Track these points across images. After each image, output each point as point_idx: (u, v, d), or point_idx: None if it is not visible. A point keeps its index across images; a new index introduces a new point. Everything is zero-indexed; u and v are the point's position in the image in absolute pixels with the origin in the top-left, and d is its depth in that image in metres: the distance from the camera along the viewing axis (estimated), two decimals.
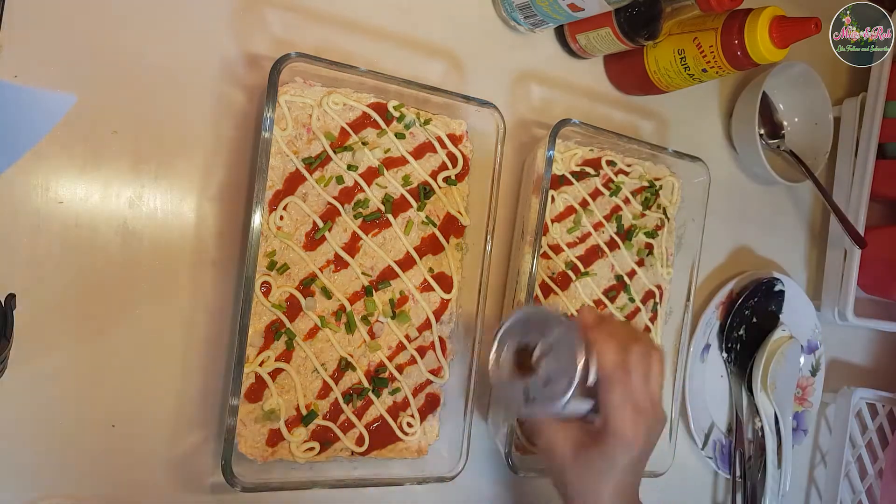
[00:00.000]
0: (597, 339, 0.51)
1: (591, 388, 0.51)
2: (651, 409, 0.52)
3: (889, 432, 0.92)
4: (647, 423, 0.52)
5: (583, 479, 0.53)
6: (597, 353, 0.51)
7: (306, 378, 0.56)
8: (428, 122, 0.62)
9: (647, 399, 0.52)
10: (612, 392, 0.50)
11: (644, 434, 0.51)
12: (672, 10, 0.63)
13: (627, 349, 0.51)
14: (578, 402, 0.51)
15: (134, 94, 0.53)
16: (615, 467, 0.52)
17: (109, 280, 0.52)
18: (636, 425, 0.51)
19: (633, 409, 0.51)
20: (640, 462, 0.53)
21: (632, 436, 0.51)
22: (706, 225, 0.73)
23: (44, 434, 0.50)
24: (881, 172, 0.85)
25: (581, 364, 0.50)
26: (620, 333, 0.53)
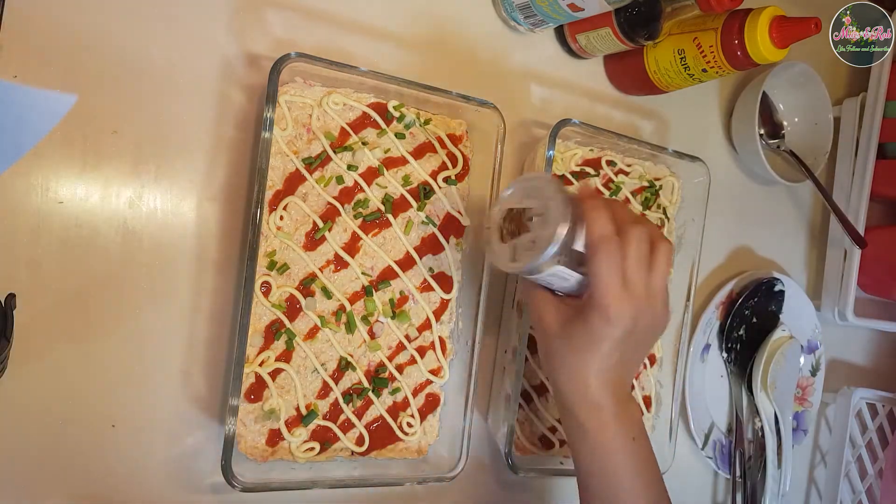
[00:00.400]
0: (589, 208, 0.50)
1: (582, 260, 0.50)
2: (645, 296, 0.50)
3: (889, 432, 0.92)
4: (637, 307, 0.50)
5: (566, 353, 0.52)
6: (586, 221, 0.50)
7: (306, 378, 0.56)
8: (428, 122, 0.62)
9: (641, 283, 0.50)
10: (597, 262, 0.49)
11: (630, 316, 0.49)
12: (672, 10, 0.63)
13: (624, 227, 0.50)
14: (563, 269, 0.50)
15: (134, 94, 0.53)
16: (596, 344, 0.50)
17: (109, 280, 0.52)
18: (621, 302, 0.49)
19: (620, 286, 0.49)
20: (627, 346, 0.51)
21: (614, 312, 0.49)
22: (706, 225, 0.73)
23: (43, 434, 0.50)
24: (881, 172, 0.85)
25: (565, 227, 0.48)
26: (619, 211, 0.52)
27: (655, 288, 0.51)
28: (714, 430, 0.80)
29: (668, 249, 0.52)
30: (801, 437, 0.86)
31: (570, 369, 0.52)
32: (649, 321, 0.51)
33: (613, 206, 0.52)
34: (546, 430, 0.67)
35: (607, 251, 0.49)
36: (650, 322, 0.52)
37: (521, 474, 0.63)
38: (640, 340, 0.53)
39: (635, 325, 0.50)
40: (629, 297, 0.49)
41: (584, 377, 0.51)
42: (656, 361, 0.74)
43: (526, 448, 0.66)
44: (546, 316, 0.53)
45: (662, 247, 0.52)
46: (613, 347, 0.50)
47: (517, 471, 0.63)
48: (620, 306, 0.49)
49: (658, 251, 0.52)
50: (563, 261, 0.50)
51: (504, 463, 0.62)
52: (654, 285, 0.51)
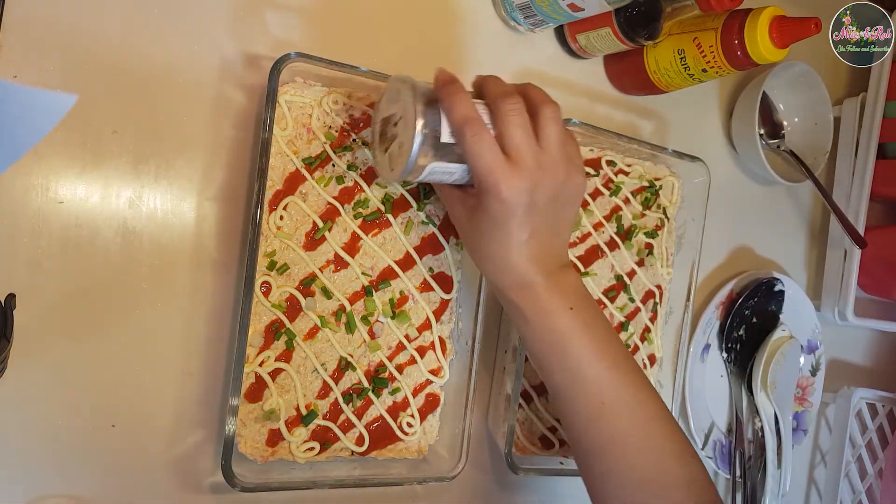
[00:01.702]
0: (443, 97, 0.47)
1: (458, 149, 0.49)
2: (536, 165, 0.48)
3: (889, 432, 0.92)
4: (530, 179, 0.47)
5: (480, 241, 0.51)
6: (443, 109, 0.48)
7: (306, 378, 0.56)
8: None
9: (529, 154, 0.47)
10: (465, 145, 0.47)
11: (524, 191, 0.47)
12: (672, 10, 0.63)
13: (494, 101, 0.48)
14: (444, 164, 0.49)
15: (134, 94, 0.53)
16: (501, 226, 0.49)
17: (109, 280, 0.52)
18: (509, 179, 0.47)
19: (502, 164, 0.47)
20: (536, 219, 0.49)
21: (504, 190, 0.47)
22: (706, 225, 0.73)
23: (44, 434, 0.50)
24: (881, 172, 0.85)
25: (419, 125, 0.47)
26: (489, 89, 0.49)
27: (550, 153, 0.49)
28: (714, 430, 0.80)
29: (552, 111, 0.49)
30: (801, 437, 0.86)
31: (488, 256, 0.51)
32: (551, 189, 0.49)
33: (484, 83, 0.50)
34: (546, 430, 0.67)
35: (472, 133, 0.47)
36: (553, 189, 0.49)
37: (521, 474, 0.63)
38: (551, 209, 0.50)
39: (534, 196, 0.48)
40: (517, 172, 0.47)
41: (504, 260, 0.50)
42: (656, 361, 0.74)
43: (526, 448, 0.66)
44: (454, 211, 0.53)
45: (545, 110, 0.49)
46: (521, 224, 0.49)
47: (517, 471, 0.63)
48: (509, 184, 0.47)
49: (541, 115, 0.49)
50: (437, 156, 0.49)
51: (504, 463, 0.62)
52: (548, 151, 0.49)
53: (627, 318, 0.71)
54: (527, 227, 0.49)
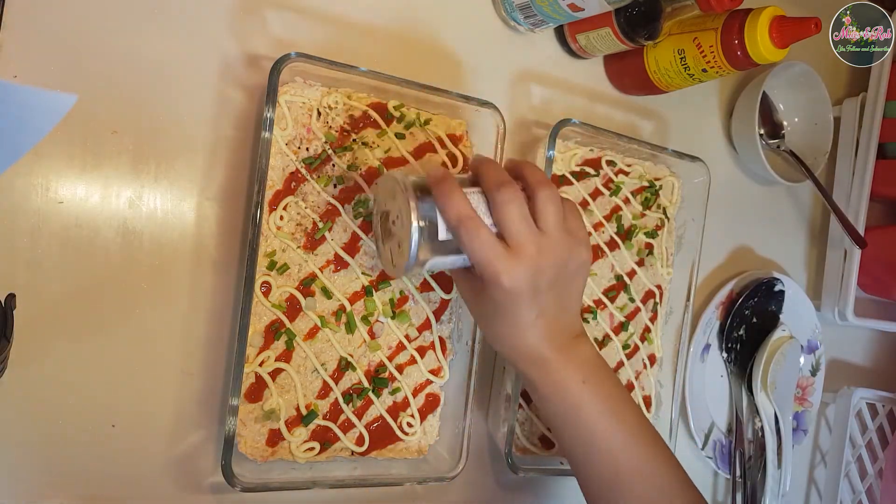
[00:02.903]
0: (437, 196, 0.48)
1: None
2: (537, 252, 0.48)
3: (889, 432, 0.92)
4: (532, 266, 0.48)
5: (489, 322, 0.52)
6: (438, 210, 0.48)
7: (306, 378, 0.56)
8: (428, 122, 0.62)
9: (529, 240, 0.48)
10: (464, 244, 0.48)
11: (526, 279, 0.48)
12: (672, 10, 0.63)
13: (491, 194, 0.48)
14: (445, 258, 0.50)
15: (134, 94, 0.53)
16: (508, 311, 0.50)
17: (109, 280, 0.52)
18: (511, 269, 0.47)
19: (501, 255, 0.48)
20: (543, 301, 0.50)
21: (506, 281, 0.48)
22: (706, 225, 0.73)
23: (43, 434, 0.50)
24: (881, 172, 0.85)
25: (414, 225, 0.48)
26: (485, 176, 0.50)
27: (550, 234, 0.49)
28: (714, 430, 0.80)
29: (548, 194, 0.49)
30: (801, 437, 0.86)
31: (499, 335, 0.52)
32: (554, 271, 0.50)
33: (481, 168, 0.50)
34: (546, 430, 0.67)
35: (468, 231, 0.47)
36: (556, 270, 0.50)
37: (521, 474, 0.63)
38: (556, 288, 0.51)
39: (537, 281, 0.49)
40: (518, 260, 0.48)
41: (513, 339, 0.51)
42: (656, 361, 0.74)
43: (526, 448, 0.66)
44: (462, 289, 0.55)
45: (541, 193, 0.49)
46: (528, 307, 0.50)
47: (517, 471, 0.63)
48: (511, 274, 0.48)
49: (538, 200, 0.49)
50: (437, 252, 0.49)
51: (504, 463, 0.62)
52: (548, 232, 0.49)
53: (627, 318, 0.71)
54: (534, 309, 0.50)
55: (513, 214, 0.48)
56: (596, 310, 0.69)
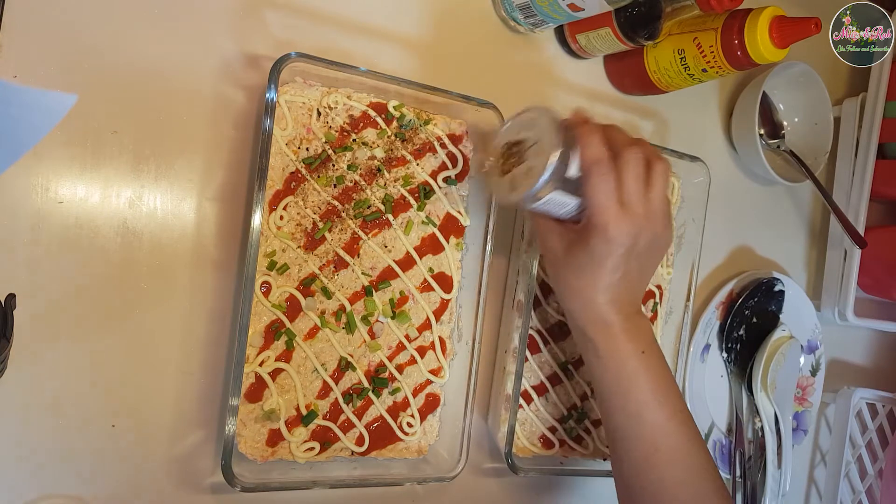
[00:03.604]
0: (581, 133, 0.51)
1: (578, 185, 0.51)
2: (644, 214, 0.51)
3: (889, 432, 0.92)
4: (637, 225, 0.51)
5: (571, 275, 0.54)
6: (579, 146, 0.51)
7: (306, 378, 0.56)
8: (428, 122, 0.62)
9: (640, 202, 0.51)
10: (590, 184, 0.50)
11: (630, 234, 0.51)
12: (672, 10, 0.63)
13: (620, 149, 0.51)
14: (562, 195, 0.52)
15: (134, 94, 0.53)
16: (598, 264, 0.52)
17: (109, 280, 0.52)
18: (619, 221, 0.50)
19: (616, 206, 0.50)
20: (629, 263, 0.52)
21: (614, 231, 0.50)
22: (706, 225, 0.73)
23: (43, 434, 0.51)
24: (881, 172, 0.85)
25: (556, 154, 0.49)
26: (614, 136, 0.53)
27: (655, 205, 0.52)
28: (714, 430, 0.80)
29: (664, 168, 0.53)
30: (801, 437, 0.86)
31: (576, 290, 0.54)
32: (650, 238, 0.53)
33: (608, 130, 0.53)
34: (546, 430, 0.67)
35: (600, 173, 0.50)
36: (651, 238, 0.53)
37: (521, 474, 0.63)
38: (644, 257, 0.54)
39: (636, 242, 0.51)
40: (627, 216, 0.51)
41: (590, 296, 0.53)
42: None
43: (526, 448, 0.66)
44: (550, 242, 0.55)
45: (658, 166, 0.53)
46: (616, 266, 0.52)
47: (517, 471, 0.63)
48: (618, 225, 0.50)
49: (654, 170, 0.53)
50: (559, 187, 0.51)
51: (504, 463, 0.62)
52: (653, 203, 0.52)
53: None
54: (620, 269, 0.52)
55: (635, 175, 0.51)
56: None
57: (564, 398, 0.68)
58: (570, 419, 0.68)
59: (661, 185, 0.53)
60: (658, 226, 0.53)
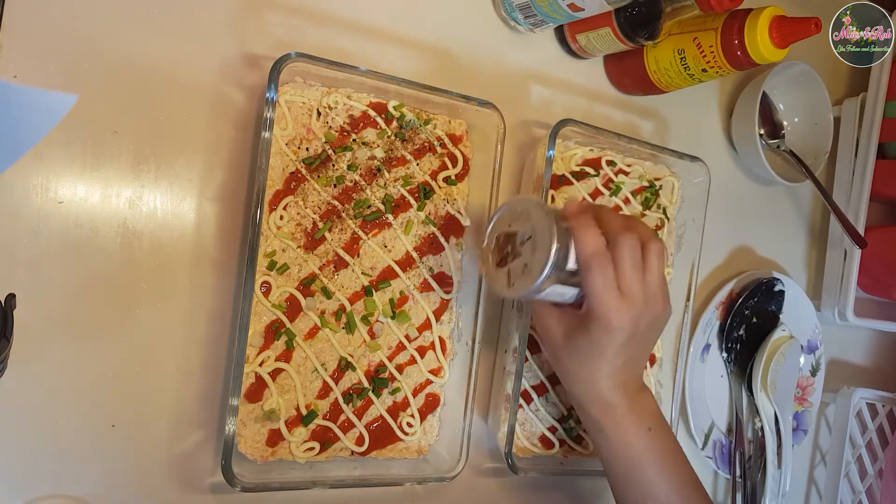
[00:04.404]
0: (576, 226, 0.51)
1: (576, 275, 0.52)
2: (642, 298, 0.52)
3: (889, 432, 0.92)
4: (637, 312, 0.52)
5: (573, 361, 0.55)
6: (575, 240, 0.51)
7: (306, 378, 0.56)
8: (428, 122, 0.62)
9: (638, 288, 0.52)
10: (590, 277, 0.51)
11: (630, 322, 0.52)
12: (672, 10, 0.63)
13: (616, 237, 0.52)
14: (560, 287, 0.52)
15: (134, 94, 0.53)
16: (601, 352, 0.53)
17: (109, 280, 0.52)
18: (620, 312, 0.51)
19: (616, 296, 0.51)
20: (631, 348, 0.53)
21: (615, 321, 0.51)
22: (706, 225, 0.73)
23: (44, 434, 0.51)
24: (881, 172, 0.85)
25: (553, 249, 0.50)
26: (610, 222, 0.53)
27: (652, 288, 0.53)
28: (714, 430, 0.80)
29: (658, 248, 0.54)
30: (801, 437, 0.86)
31: (579, 376, 0.55)
32: (650, 321, 0.54)
33: (601, 216, 0.54)
34: (546, 430, 0.67)
35: (599, 267, 0.51)
36: (651, 321, 0.54)
37: (521, 474, 0.63)
38: (644, 339, 0.55)
39: (636, 328, 0.52)
40: (627, 305, 0.52)
41: (593, 382, 0.54)
42: (656, 361, 0.74)
43: (526, 448, 0.66)
44: (550, 329, 0.56)
45: (653, 247, 0.54)
46: (618, 352, 0.53)
47: (517, 471, 0.63)
48: (620, 316, 0.51)
49: (649, 251, 0.53)
50: (558, 280, 0.52)
51: (504, 463, 0.62)
52: (651, 286, 0.53)
53: None
54: (623, 355, 0.53)
55: (632, 263, 0.52)
56: None
57: (564, 398, 0.68)
58: (570, 419, 0.68)
59: (656, 267, 0.54)
60: (657, 307, 0.54)
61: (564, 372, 0.57)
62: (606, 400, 0.55)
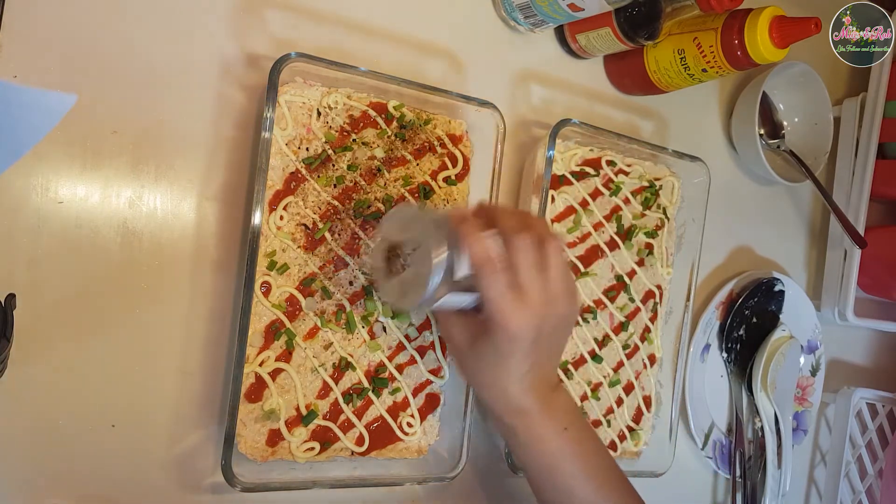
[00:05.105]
0: (464, 233, 0.49)
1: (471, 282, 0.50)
2: (543, 300, 0.50)
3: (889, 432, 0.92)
4: (539, 314, 0.49)
5: (479, 368, 0.53)
6: (462, 248, 0.49)
7: (306, 378, 0.56)
8: (428, 122, 0.62)
9: (538, 290, 0.49)
10: (483, 283, 0.49)
11: (533, 326, 0.49)
12: (672, 10, 0.63)
13: (510, 237, 0.50)
14: (456, 295, 0.50)
15: (134, 94, 0.53)
16: (506, 358, 0.50)
17: (109, 280, 0.52)
18: (520, 316, 0.49)
19: (514, 301, 0.49)
20: (538, 351, 0.51)
21: (514, 326, 0.49)
22: (706, 225, 0.73)
23: (43, 434, 0.50)
24: (881, 172, 0.85)
25: (441, 258, 0.48)
26: (504, 222, 0.51)
27: (554, 287, 0.51)
28: (714, 430, 0.80)
29: (556, 245, 0.51)
30: (801, 437, 0.86)
31: (487, 383, 0.53)
32: (555, 322, 0.51)
33: (495, 216, 0.51)
34: None
35: (492, 271, 0.48)
36: (556, 322, 0.51)
37: (521, 474, 0.63)
38: (552, 339, 0.52)
39: (540, 330, 0.50)
40: (527, 308, 0.49)
41: (502, 388, 0.52)
42: (656, 361, 0.74)
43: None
44: (453, 337, 0.54)
45: (550, 245, 0.51)
46: (524, 357, 0.51)
47: (517, 471, 0.63)
48: (520, 320, 0.49)
49: (547, 250, 0.51)
50: (452, 289, 0.50)
51: (504, 463, 0.62)
52: (552, 285, 0.51)
53: (628, 318, 0.71)
54: (529, 358, 0.51)
55: (528, 262, 0.49)
56: (596, 310, 0.69)
57: None
58: None
59: (556, 265, 0.51)
60: (561, 307, 0.51)
61: (472, 380, 0.55)
62: (517, 405, 0.52)
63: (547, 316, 0.50)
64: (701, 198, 0.73)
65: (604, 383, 0.70)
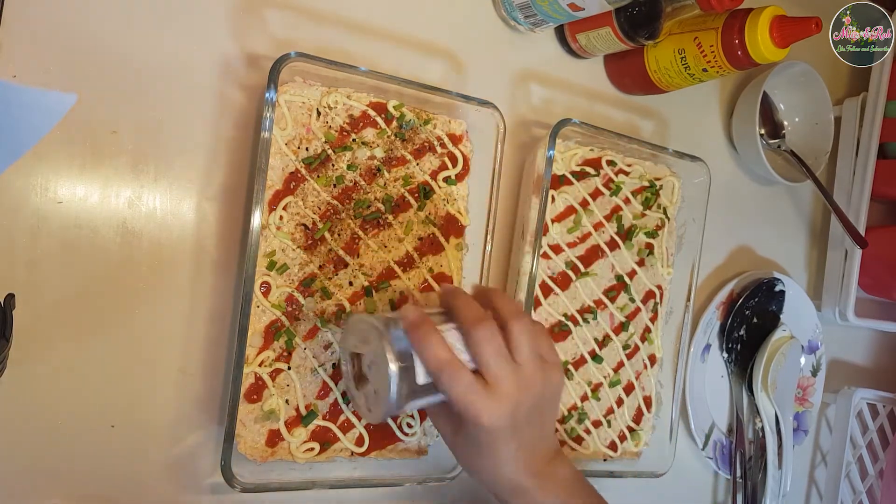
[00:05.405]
0: (415, 341, 0.48)
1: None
2: (515, 387, 0.48)
3: (890, 433, 0.92)
4: (512, 401, 0.48)
5: (470, 456, 0.52)
6: (417, 356, 0.48)
7: (306, 378, 0.56)
8: (428, 122, 0.62)
9: (507, 377, 0.48)
10: (446, 387, 0.47)
11: (506, 415, 0.48)
12: (672, 10, 0.63)
13: (469, 330, 0.48)
14: (424, 399, 0.49)
15: (134, 94, 0.53)
16: (487, 447, 0.50)
17: (109, 280, 0.52)
18: (490, 410, 0.47)
19: (482, 396, 0.47)
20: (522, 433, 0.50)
21: (487, 421, 0.47)
22: (706, 225, 0.73)
23: (43, 434, 0.50)
24: (882, 172, 0.85)
25: (393, 373, 0.47)
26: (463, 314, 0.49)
27: (526, 370, 0.49)
28: (714, 431, 0.80)
29: (521, 325, 0.50)
30: (802, 437, 0.86)
31: (479, 469, 0.52)
32: (533, 402, 0.50)
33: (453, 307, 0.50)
34: None
35: (450, 374, 0.47)
36: (535, 400, 0.50)
37: None
38: (535, 416, 0.51)
39: (517, 415, 0.49)
40: (497, 399, 0.48)
41: (495, 472, 0.51)
42: (657, 361, 0.74)
43: None
44: (440, 426, 0.54)
45: (515, 325, 0.49)
46: (508, 442, 0.50)
47: None
48: (491, 412, 0.48)
49: (512, 334, 0.49)
50: (418, 394, 0.49)
51: None
52: (525, 368, 0.49)
53: (628, 318, 0.71)
54: (514, 443, 0.50)
55: (491, 351, 0.48)
56: (596, 310, 0.69)
57: (565, 398, 0.68)
58: (571, 419, 0.68)
59: (524, 342, 0.49)
60: (537, 387, 0.50)
61: (464, 465, 0.54)
62: (514, 485, 0.51)
63: (522, 400, 0.49)
64: (701, 198, 0.73)
65: (604, 383, 0.70)
